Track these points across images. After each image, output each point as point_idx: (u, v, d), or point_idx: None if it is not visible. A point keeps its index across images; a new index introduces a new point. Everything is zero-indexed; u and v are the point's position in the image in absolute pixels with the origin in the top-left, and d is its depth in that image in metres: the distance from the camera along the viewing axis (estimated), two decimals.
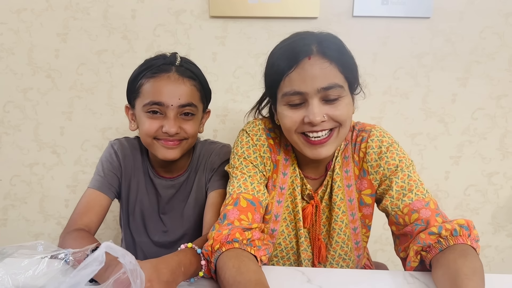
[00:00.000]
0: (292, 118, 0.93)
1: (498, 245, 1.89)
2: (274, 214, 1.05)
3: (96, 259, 0.53)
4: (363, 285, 0.86)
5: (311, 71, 0.89)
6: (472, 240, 0.88)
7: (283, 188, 1.06)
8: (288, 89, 0.91)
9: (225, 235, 0.86)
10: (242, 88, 1.71)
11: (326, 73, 0.89)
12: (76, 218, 1.06)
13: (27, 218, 1.88)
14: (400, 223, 0.98)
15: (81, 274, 0.51)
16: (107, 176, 1.15)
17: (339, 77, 0.91)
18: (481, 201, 1.84)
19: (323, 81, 0.89)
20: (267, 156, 1.06)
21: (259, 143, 1.06)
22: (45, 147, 1.79)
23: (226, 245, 0.85)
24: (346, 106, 0.93)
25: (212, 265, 0.85)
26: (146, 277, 0.68)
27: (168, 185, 1.20)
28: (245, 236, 0.87)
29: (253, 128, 1.08)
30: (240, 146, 1.06)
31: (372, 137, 1.04)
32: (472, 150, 1.77)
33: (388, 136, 1.05)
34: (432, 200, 0.97)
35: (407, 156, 1.04)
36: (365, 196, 1.06)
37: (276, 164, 1.07)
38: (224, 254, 0.84)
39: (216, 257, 0.84)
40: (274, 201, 1.06)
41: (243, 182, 1.00)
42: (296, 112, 0.93)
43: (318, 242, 1.07)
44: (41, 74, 1.71)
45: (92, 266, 0.52)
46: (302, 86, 0.90)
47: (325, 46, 0.91)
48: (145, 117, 1.07)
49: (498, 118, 1.73)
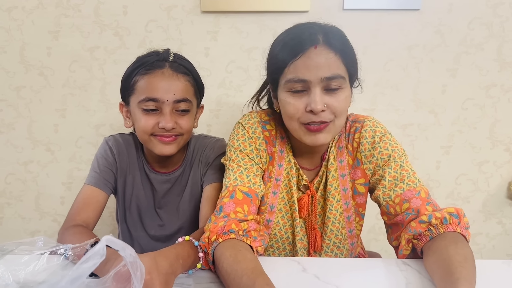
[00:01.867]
0: (295, 105, 0.95)
1: (489, 232, 1.93)
2: (270, 205, 1.07)
3: (97, 253, 0.54)
4: (357, 272, 0.89)
5: (316, 60, 0.91)
6: (462, 228, 0.90)
7: (278, 180, 1.08)
8: (292, 76, 0.93)
9: (221, 227, 0.88)
10: (235, 82, 1.72)
11: (331, 64, 0.92)
12: (73, 214, 1.07)
13: (23, 216, 1.89)
14: (391, 213, 1.00)
15: (83, 268, 0.52)
16: (102, 172, 1.16)
17: (342, 69, 0.93)
18: (472, 190, 1.87)
19: (327, 71, 0.91)
20: (263, 149, 1.08)
21: (255, 135, 1.08)
22: (39, 144, 1.79)
23: (222, 236, 0.87)
24: (345, 98, 0.96)
25: (210, 256, 0.87)
26: (146, 269, 0.70)
27: (163, 179, 1.21)
28: (241, 227, 0.89)
29: (248, 121, 1.10)
30: (236, 139, 1.08)
31: (365, 127, 1.06)
32: (462, 139, 1.80)
33: (381, 126, 1.07)
34: (424, 189, 0.99)
35: (400, 146, 1.06)
36: (358, 185, 1.08)
37: (272, 156, 1.08)
38: (221, 245, 0.86)
39: (213, 248, 0.86)
40: (270, 192, 1.08)
41: (239, 175, 1.02)
42: (299, 100, 0.95)
43: (314, 232, 1.09)
44: (33, 72, 1.71)
45: (93, 259, 0.53)
46: (307, 74, 0.92)
47: (331, 37, 0.93)
48: (141, 114, 1.08)
49: (487, 107, 1.76)
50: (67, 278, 0.50)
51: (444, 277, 0.76)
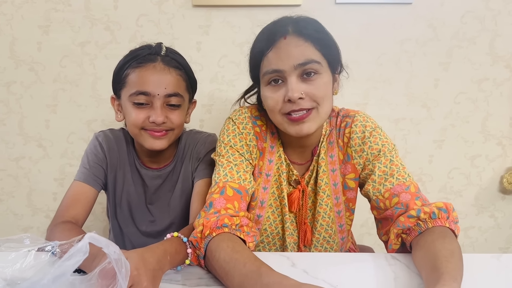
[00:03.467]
0: (273, 98, 0.96)
1: (481, 226, 1.94)
2: (260, 200, 1.07)
3: (80, 250, 0.54)
4: (346, 267, 0.89)
5: (286, 49, 0.93)
6: (451, 222, 0.90)
7: (268, 175, 1.08)
8: (267, 68, 0.95)
9: (214, 222, 0.88)
10: (227, 77, 1.71)
11: (302, 50, 0.93)
12: (63, 210, 1.07)
13: (15, 212, 1.88)
14: (381, 208, 1.00)
15: (66, 265, 0.52)
16: (92, 168, 1.15)
17: (316, 54, 0.94)
18: (464, 184, 1.88)
19: (299, 58, 0.92)
20: (253, 144, 1.07)
21: (245, 131, 1.07)
22: (30, 140, 1.78)
23: (216, 230, 0.87)
24: (324, 84, 0.96)
25: (202, 251, 0.86)
26: (133, 265, 0.70)
27: (154, 175, 1.21)
28: (234, 222, 0.89)
29: (239, 116, 1.09)
30: (226, 134, 1.08)
31: (355, 122, 1.06)
32: (455, 133, 1.80)
33: (371, 121, 1.07)
34: (413, 183, 0.99)
35: (390, 141, 1.06)
36: (349, 180, 1.08)
37: (262, 152, 1.08)
38: (216, 238, 0.86)
39: (206, 243, 0.86)
40: (260, 188, 1.07)
41: (229, 171, 1.02)
42: (277, 92, 0.96)
43: (304, 226, 1.09)
44: (24, 67, 1.69)
45: (76, 257, 0.53)
46: (280, 64, 0.93)
47: (301, 26, 0.94)
48: (132, 108, 1.08)
49: (479, 101, 1.76)
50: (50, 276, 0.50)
51: (430, 272, 0.76)
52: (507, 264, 0.93)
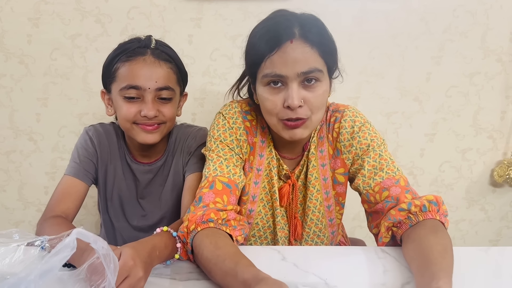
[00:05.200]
0: (273, 101, 0.94)
1: (472, 218, 1.95)
2: (252, 195, 1.08)
3: (67, 246, 0.53)
4: (336, 260, 0.89)
5: (293, 55, 0.90)
6: (441, 215, 0.91)
7: (259, 170, 1.08)
8: (269, 71, 0.92)
9: (199, 216, 0.88)
10: (220, 70, 1.70)
11: (307, 58, 0.90)
12: (53, 205, 1.06)
13: (6, 206, 1.87)
14: (371, 201, 1.01)
15: (53, 261, 0.51)
16: (82, 162, 1.15)
17: (319, 62, 0.92)
18: (456, 177, 1.89)
19: (304, 66, 0.90)
20: (243, 139, 1.07)
21: (235, 126, 1.07)
22: (21, 134, 1.77)
23: (201, 225, 0.87)
24: (323, 93, 0.95)
25: (189, 246, 0.87)
26: (129, 256, 0.70)
27: (145, 170, 1.21)
28: (220, 216, 0.89)
29: (229, 111, 1.09)
30: (216, 129, 1.07)
31: (345, 117, 1.06)
32: (446, 127, 1.81)
33: (360, 116, 1.07)
34: (403, 177, 1.00)
35: (379, 136, 1.07)
36: (338, 175, 1.08)
37: (253, 147, 1.08)
38: (200, 233, 0.86)
39: (191, 237, 0.86)
40: (251, 183, 1.08)
41: (219, 165, 1.01)
42: (276, 95, 0.94)
43: (294, 220, 1.10)
44: (13, 60, 1.67)
45: (63, 252, 0.53)
46: (283, 69, 0.90)
47: (307, 30, 0.91)
48: (122, 102, 1.07)
49: (471, 95, 1.77)
50: (37, 271, 0.50)
51: (422, 266, 0.77)
52: (495, 257, 0.94)
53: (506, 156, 1.87)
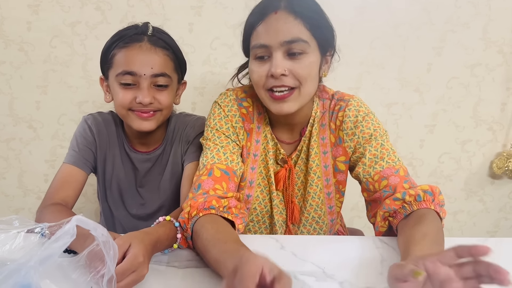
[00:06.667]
0: (258, 72, 0.96)
1: (470, 210, 1.96)
2: (249, 180, 1.09)
3: (67, 232, 0.54)
4: (334, 250, 0.90)
5: (275, 25, 0.92)
6: (436, 205, 0.91)
7: (256, 155, 1.09)
8: (255, 42, 0.95)
9: (201, 203, 0.88)
10: (220, 59, 1.70)
11: (290, 28, 0.92)
12: (52, 192, 1.07)
13: (6, 193, 1.87)
14: (370, 190, 1.02)
15: (53, 247, 0.52)
16: (81, 151, 1.15)
17: (304, 33, 0.93)
18: (455, 168, 1.89)
19: (286, 35, 0.91)
20: (240, 126, 1.08)
21: (231, 113, 1.08)
22: (21, 122, 1.76)
23: (203, 211, 0.88)
24: (310, 64, 0.95)
25: (189, 231, 0.87)
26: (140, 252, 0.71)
27: (144, 159, 1.21)
28: (222, 204, 0.90)
29: (224, 100, 1.10)
30: (212, 118, 1.09)
31: (349, 106, 1.07)
32: (446, 118, 1.81)
33: (365, 106, 1.08)
34: (403, 167, 1.00)
35: (382, 126, 1.07)
36: (339, 163, 1.09)
37: (250, 133, 1.09)
38: (202, 219, 0.87)
39: (192, 223, 0.87)
40: (248, 168, 1.09)
41: (216, 153, 1.02)
42: (262, 66, 0.96)
43: (291, 205, 1.11)
44: (13, 47, 1.66)
45: (63, 239, 0.53)
46: (267, 38, 0.93)
47: (294, 3, 0.93)
48: (119, 88, 1.07)
49: (471, 87, 1.77)
50: (37, 258, 0.50)
51: (403, 256, 0.78)
52: (493, 248, 0.94)
53: (506, 148, 1.87)
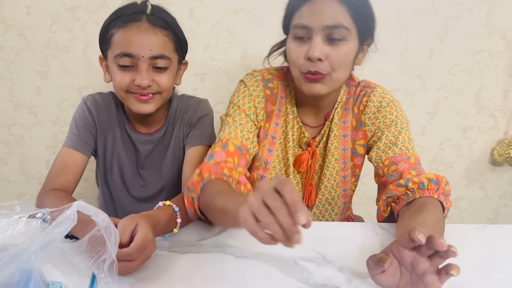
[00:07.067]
0: (297, 52, 0.96)
1: (470, 197, 1.97)
2: (264, 161, 1.10)
3: (68, 218, 0.54)
4: (334, 236, 0.90)
5: (320, 8, 0.91)
6: (440, 194, 0.91)
7: (274, 137, 1.10)
8: (297, 22, 0.95)
9: (214, 167, 0.89)
10: (221, 45, 1.68)
11: (335, 13, 0.91)
12: (52, 178, 1.07)
13: (8, 179, 1.88)
14: (380, 174, 1.03)
15: (54, 232, 0.52)
16: (81, 134, 1.14)
17: (347, 20, 0.92)
18: (456, 155, 1.89)
19: (329, 19, 0.91)
20: (261, 107, 1.08)
21: (255, 93, 1.08)
22: (22, 107, 1.76)
23: (215, 174, 0.88)
24: (347, 52, 0.95)
25: (198, 191, 0.88)
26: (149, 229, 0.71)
27: (145, 140, 1.20)
28: (233, 175, 0.90)
29: (251, 79, 1.10)
30: (236, 95, 1.09)
31: (375, 92, 1.08)
32: (448, 105, 1.80)
33: (390, 95, 1.10)
34: (415, 156, 1.01)
35: (405, 116, 1.08)
36: (358, 146, 1.10)
37: (270, 114, 1.10)
38: (214, 181, 0.87)
39: (204, 183, 0.87)
40: (265, 149, 1.10)
41: (233, 129, 1.03)
42: (301, 47, 0.95)
43: (309, 187, 1.12)
44: (13, 32, 1.65)
45: (64, 224, 0.53)
46: (309, 20, 0.92)
47: None
48: (117, 70, 1.05)
49: (474, 73, 1.75)
50: (38, 243, 0.50)
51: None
52: (493, 235, 0.95)
53: (507, 135, 1.87)
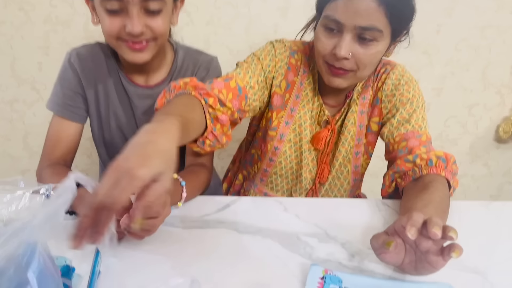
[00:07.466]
0: (324, 43, 0.93)
1: (474, 174, 1.96)
2: (280, 133, 1.09)
3: (67, 188, 0.53)
4: (337, 212, 0.90)
5: (356, 6, 0.86)
6: (448, 173, 0.90)
7: (293, 110, 1.08)
8: (330, 13, 0.90)
9: (204, 89, 0.88)
10: (224, 19, 1.65)
11: (370, 13, 0.86)
12: (47, 153, 1.03)
13: (12, 155, 1.89)
14: (390, 151, 1.02)
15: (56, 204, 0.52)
16: (67, 97, 1.05)
17: (382, 22, 0.88)
18: (460, 132, 1.88)
19: (363, 20, 0.87)
20: (281, 72, 1.06)
21: (280, 57, 1.06)
22: (24, 83, 1.75)
23: (199, 90, 0.88)
24: (375, 53, 0.92)
25: (172, 95, 0.88)
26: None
27: (144, 94, 1.09)
28: (217, 109, 0.89)
29: (279, 44, 1.08)
30: (260, 50, 1.06)
31: (394, 70, 1.05)
32: (454, 81, 1.78)
33: (410, 74, 1.07)
34: (427, 134, 0.99)
35: (422, 95, 1.06)
36: (373, 123, 1.09)
37: (291, 85, 1.07)
38: (191, 97, 0.86)
39: (180, 93, 0.87)
40: (283, 121, 1.08)
41: (244, 73, 1.00)
42: (329, 39, 0.92)
43: (323, 165, 1.12)
44: (13, 6, 1.63)
45: (65, 195, 0.53)
46: (343, 17, 0.88)
47: None
48: (105, 15, 0.93)
49: (481, 49, 1.72)
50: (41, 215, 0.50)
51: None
52: (496, 212, 0.95)
53: None
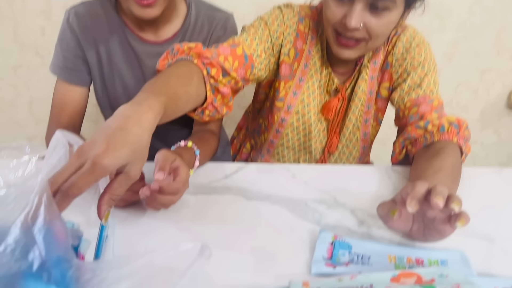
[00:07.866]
0: (334, 12, 0.88)
1: (483, 141, 1.94)
2: (287, 104, 1.05)
3: (59, 143, 0.52)
4: (346, 179, 0.89)
5: None
6: (460, 138, 0.88)
7: (301, 80, 1.04)
8: None
9: (207, 58, 0.83)
10: None
11: None
12: (54, 119, 1.02)
13: (18, 121, 1.88)
14: (400, 117, 0.99)
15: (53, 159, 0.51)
16: (68, 61, 1.01)
17: None
18: (471, 99, 1.85)
19: None
20: (290, 40, 1.01)
21: (288, 23, 1.01)
22: (27, 49, 1.73)
23: (202, 59, 0.83)
24: (388, 23, 0.87)
25: (173, 60, 0.83)
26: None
27: (153, 52, 1.02)
28: (218, 80, 0.84)
29: (288, 8, 1.02)
30: (268, 15, 1.01)
31: (405, 32, 1.00)
32: (466, 46, 1.73)
33: (421, 35, 1.02)
34: (438, 99, 0.96)
35: (434, 59, 1.01)
36: (383, 89, 1.05)
37: (299, 53, 1.03)
38: (192, 64, 0.81)
39: (181, 58, 0.83)
40: (290, 92, 1.05)
41: (251, 39, 0.95)
42: (340, 7, 0.87)
43: (333, 134, 1.09)
44: None
45: (59, 150, 0.51)
46: None
47: None
48: None
49: (496, 11, 1.67)
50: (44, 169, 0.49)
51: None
52: (508, 179, 0.93)
53: None
